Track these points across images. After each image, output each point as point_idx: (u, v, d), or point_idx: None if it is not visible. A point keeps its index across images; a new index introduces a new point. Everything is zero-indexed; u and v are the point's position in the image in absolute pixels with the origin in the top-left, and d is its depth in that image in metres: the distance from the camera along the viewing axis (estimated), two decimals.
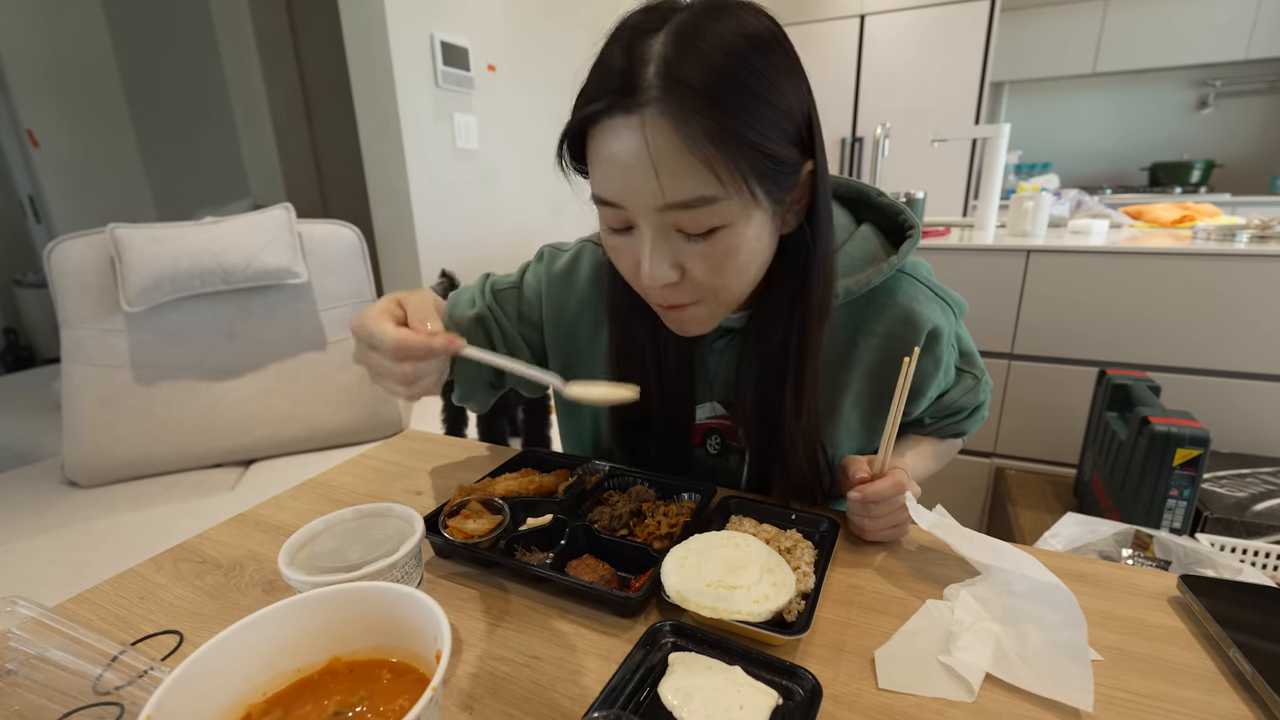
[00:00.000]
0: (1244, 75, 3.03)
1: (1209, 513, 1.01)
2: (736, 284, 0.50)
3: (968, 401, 0.67)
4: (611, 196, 0.46)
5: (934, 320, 0.59)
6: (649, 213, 0.45)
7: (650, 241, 0.46)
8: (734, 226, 0.45)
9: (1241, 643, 0.42)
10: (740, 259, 0.47)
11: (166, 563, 0.58)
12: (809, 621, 0.44)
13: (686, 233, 0.46)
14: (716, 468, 0.68)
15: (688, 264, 0.47)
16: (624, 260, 0.50)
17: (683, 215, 0.44)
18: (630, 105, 0.42)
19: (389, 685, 0.36)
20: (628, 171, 0.43)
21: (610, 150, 0.44)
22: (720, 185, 0.43)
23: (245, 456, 1.35)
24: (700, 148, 0.41)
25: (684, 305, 0.50)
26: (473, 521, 0.55)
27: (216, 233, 1.28)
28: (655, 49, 0.42)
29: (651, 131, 0.41)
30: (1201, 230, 1.47)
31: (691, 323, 0.53)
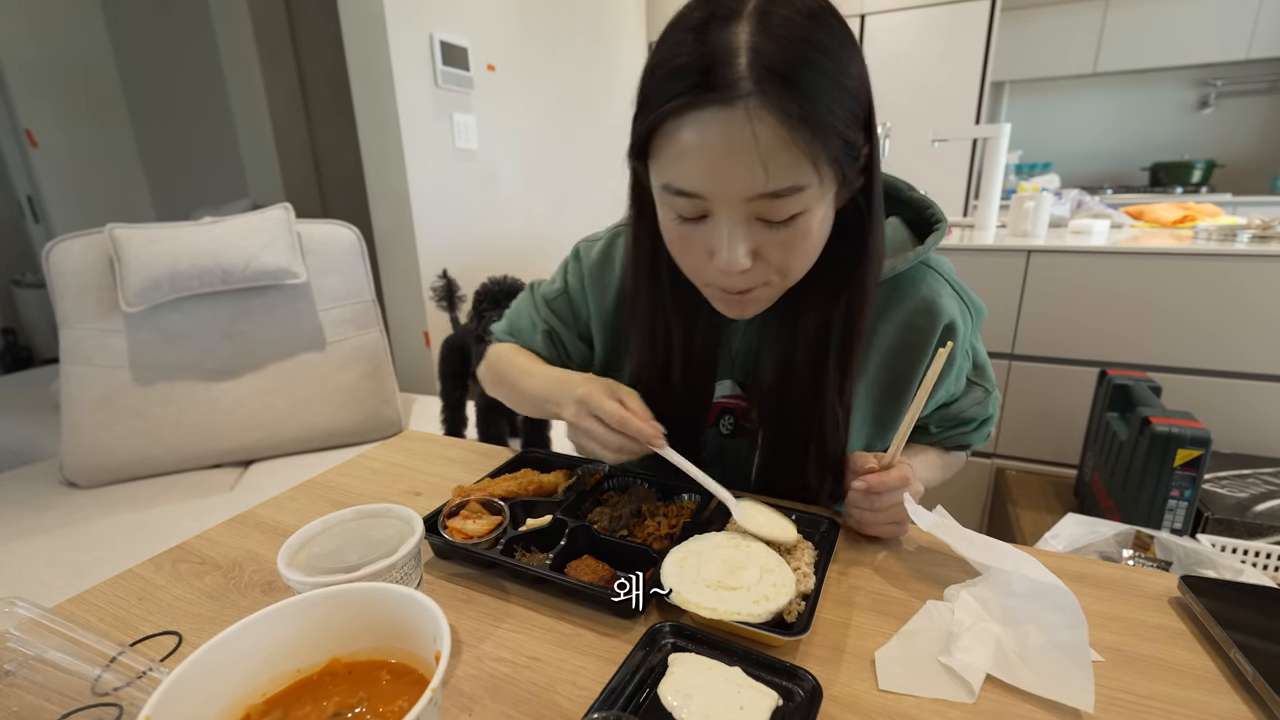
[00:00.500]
0: (1245, 75, 3.03)
1: (1210, 513, 1.01)
2: (803, 266, 0.51)
3: (976, 413, 0.67)
4: (695, 187, 0.45)
5: (952, 315, 0.60)
6: (735, 202, 0.45)
7: (730, 229, 0.46)
8: (811, 212, 0.46)
9: (1242, 644, 0.42)
10: (811, 242, 0.48)
11: (165, 563, 0.58)
12: (809, 622, 0.43)
13: (768, 220, 0.46)
14: (728, 448, 0.67)
15: (764, 249, 0.48)
16: (692, 249, 0.50)
17: (771, 204, 0.44)
18: (728, 97, 0.41)
19: (388, 686, 0.36)
20: (723, 161, 0.43)
21: (702, 141, 0.43)
22: (815, 174, 0.44)
23: (244, 457, 1.34)
24: (800, 137, 0.42)
25: (749, 289, 0.51)
26: (472, 522, 0.55)
27: (215, 233, 1.28)
28: (742, 38, 0.41)
29: (757, 124, 0.41)
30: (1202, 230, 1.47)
31: (753, 304, 0.53)
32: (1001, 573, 0.48)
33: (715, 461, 0.66)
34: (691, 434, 0.66)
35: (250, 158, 2.82)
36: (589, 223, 2.98)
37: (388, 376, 1.44)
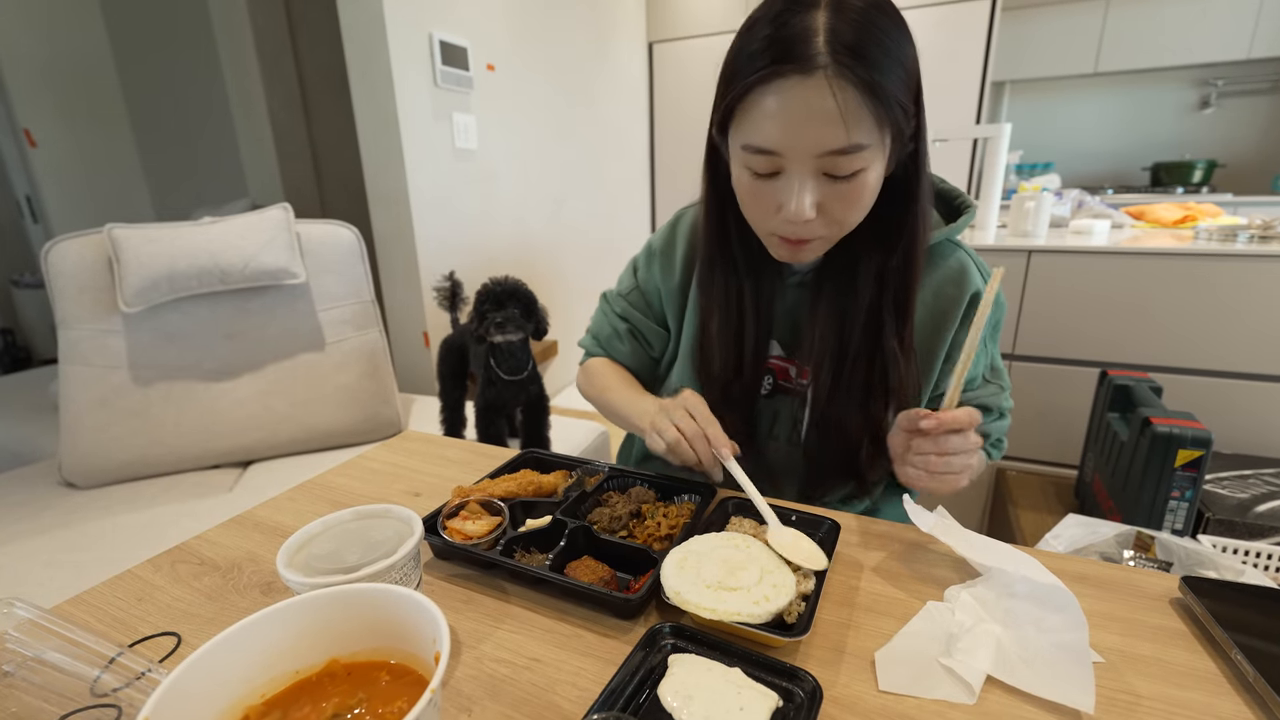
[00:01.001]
0: (1246, 75, 3.03)
1: (1211, 514, 1.00)
2: (856, 219, 0.57)
3: (992, 402, 0.69)
4: (774, 144, 0.52)
5: (979, 286, 0.65)
6: (807, 158, 0.52)
7: (800, 183, 0.53)
8: (870, 169, 0.53)
9: (1244, 645, 0.42)
10: (866, 198, 0.55)
11: (164, 564, 0.57)
12: (809, 623, 0.43)
13: (834, 175, 0.53)
14: (765, 409, 0.72)
15: (827, 202, 0.54)
16: (763, 202, 0.57)
17: (839, 160, 0.51)
18: (807, 67, 0.49)
19: (387, 687, 0.36)
20: (803, 122, 0.50)
21: (784, 104, 0.50)
22: (878, 134, 0.51)
23: (243, 458, 1.34)
24: (869, 102, 0.49)
25: (808, 239, 0.57)
26: (471, 523, 0.55)
27: (214, 233, 1.28)
28: (820, 21, 0.49)
29: (835, 88, 0.48)
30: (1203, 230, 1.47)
31: (809, 251, 0.59)
32: (1002, 573, 0.48)
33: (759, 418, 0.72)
34: (746, 394, 0.70)
35: (249, 158, 2.81)
36: (588, 223, 2.98)
37: (387, 377, 1.44)
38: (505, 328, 1.20)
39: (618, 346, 0.81)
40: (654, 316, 0.80)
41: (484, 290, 1.22)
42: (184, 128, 3.22)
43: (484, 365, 1.31)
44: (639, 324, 0.80)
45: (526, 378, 1.30)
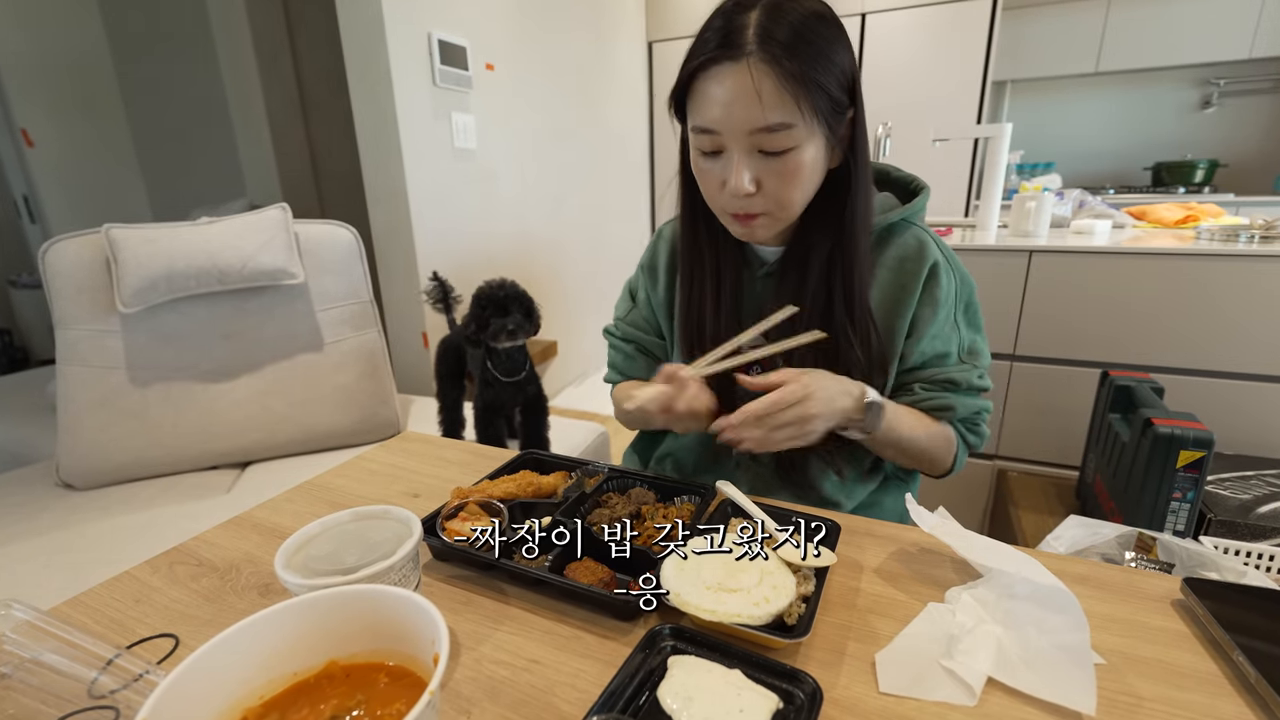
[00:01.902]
0: (1248, 74, 3.02)
1: (1212, 515, 1.00)
2: (798, 198, 0.62)
3: (961, 377, 0.69)
4: (712, 124, 0.59)
5: (937, 258, 0.68)
6: (741, 136, 0.58)
7: (738, 158, 0.59)
8: (801, 148, 0.59)
9: (1245, 646, 0.42)
10: (802, 176, 0.60)
11: (162, 565, 0.57)
12: (809, 625, 0.43)
13: (766, 152, 0.59)
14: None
15: (764, 178, 0.60)
16: (711, 179, 0.63)
17: (767, 137, 0.57)
18: (736, 55, 0.56)
19: (386, 689, 0.36)
20: (733, 102, 0.57)
21: (719, 87, 0.57)
22: (799, 114, 0.57)
23: (241, 459, 1.34)
24: (788, 85, 0.55)
25: (755, 215, 0.63)
26: (470, 524, 0.55)
27: (212, 233, 1.27)
28: (752, 18, 0.56)
29: (755, 72, 0.55)
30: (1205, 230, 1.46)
31: (761, 229, 0.65)
32: (1003, 575, 0.47)
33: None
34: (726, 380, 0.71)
35: (247, 158, 2.81)
36: (588, 222, 2.98)
37: (386, 377, 1.44)
38: (516, 335, 1.19)
39: (633, 367, 0.85)
40: (654, 330, 0.84)
41: (483, 294, 1.21)
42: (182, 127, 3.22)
43: (481, 367, 1.30)
44: (643, 341, 0.84)
45: (524, 378, 1.30)
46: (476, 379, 1.33)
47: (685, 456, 0.81)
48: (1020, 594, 0.46)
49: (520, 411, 1.35)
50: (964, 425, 0.72)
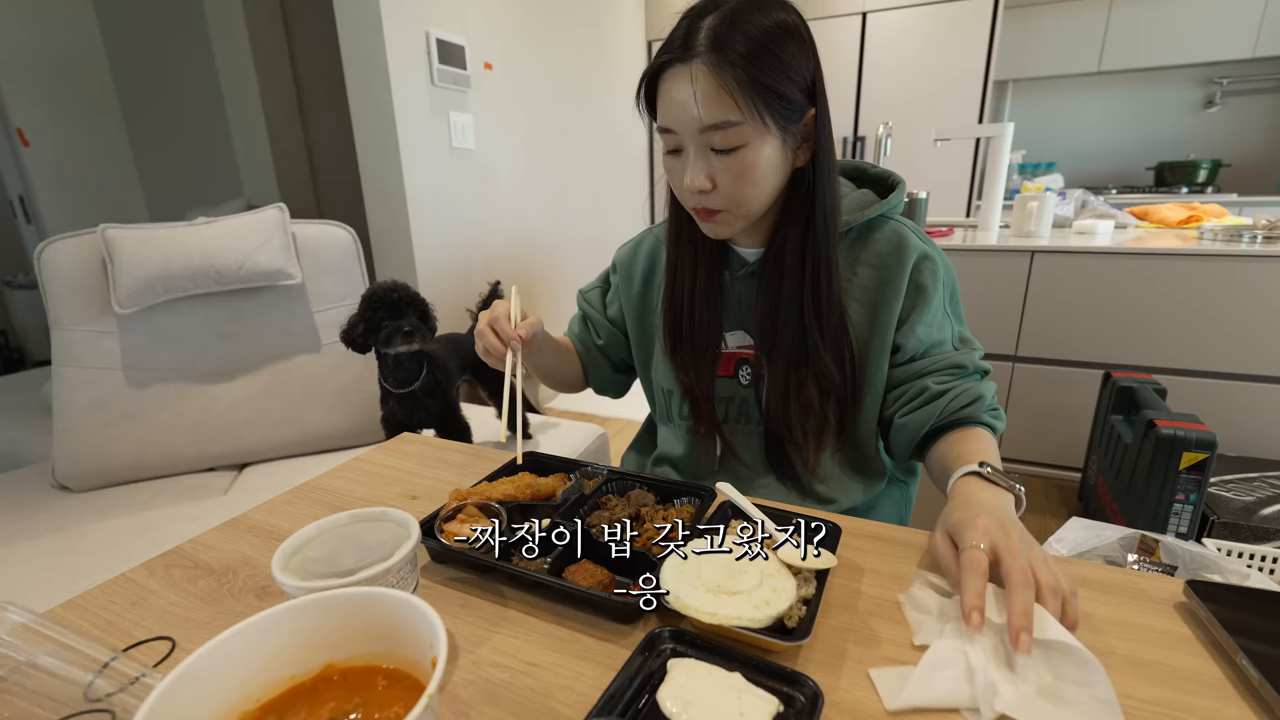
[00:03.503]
0: (1251, 73, 3.02)
1: (1216, 517, 1.00)
2: (754, 195, 0.64)
3: (965, 360, 0.69)
4: (668, 123, 0.62)
5: (923, 249, 0.69)
6: (693, 134, 0.61)
7: (692, 156, 0.62)
8: (751, 146, 0.60)
9: (1249, 649, 0.41)
10: (756, 173, 0.62)
11: (159, 568, 0.57)
12: (810, 627, 0.43)
13: (717, 149, 0.61)
14: (749, 399, 0.76)
15: (717, 176, 0.62)
16: (675, 176, 0.66)
17: (716, 135, 0.60)
18: (686, 57, 0.59)
19: (384, 692, 0.36)
20: (683, 102, 0.59)
21: (669, 88, 0.61)
22: (741, 113, 0.58)
23: (239, 460, 1.34)
24: (729, 86, 0.58)
25: (715, 212, 0.65)
26: (469, 526, 0.55)
27: (209, 233, 1.27)
28: (707, 23, 0.59)
29: (698, 73, 0.58)
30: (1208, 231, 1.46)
31: (723, 226, 0.67)
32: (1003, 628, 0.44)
33: (740, 415, 0.76)
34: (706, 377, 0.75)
35: (245, 157, 2.81)
36: (586, 222, 2.98)
37: None
38: (413, 338, 1.10)
39: (574, 328, 0.91)
40: (608, 314, 0.88)
41: (374, 296, 1.10)
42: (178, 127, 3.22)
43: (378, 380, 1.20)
44: (591, 315, 0.89)
45: (421, 390, 1.18)
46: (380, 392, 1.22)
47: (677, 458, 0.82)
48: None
49: (436, 433, 1.23)
50: (990, 414, 0.68)
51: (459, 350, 1.32)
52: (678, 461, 0.81)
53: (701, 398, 0.75)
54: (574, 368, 0.88)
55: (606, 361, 0.89)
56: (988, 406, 0.68)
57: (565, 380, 0.89)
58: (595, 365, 0.89)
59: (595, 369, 0.89)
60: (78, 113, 3.10)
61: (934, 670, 0.41)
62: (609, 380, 0.91)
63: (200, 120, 3.12)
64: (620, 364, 0.90)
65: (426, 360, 1.18)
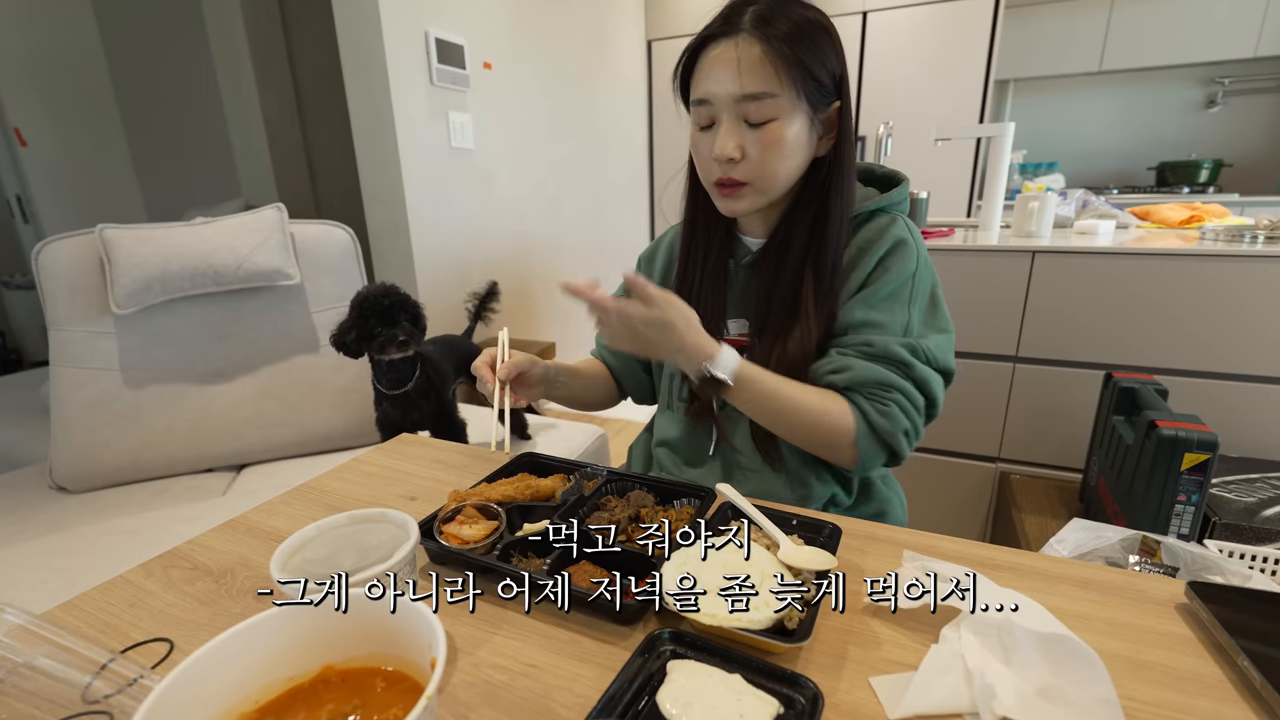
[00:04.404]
0: (1253, 73, 3.01)
1: (1217, 518, 1.00)
2: (779, 169, 0.66)
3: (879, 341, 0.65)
4: (706, 93, 0.65)
5: (903, 237, 0.70)
6: (729, 104, 0.64)
7: (726, 125, 0.65)
8: (783, 120, 0.64)
9: (1251, 651, 0.41)
10: (785, 147, 0.65)
11: (156, 569, 0.57)
12: (810, 629, 0.43)
13: (750, 122, 0.64)
14: None
15: (748, 146, 0.65)
16: (703, 151, 0.69)
17: (750, 106, 0.64)
18: (730, 32, 0.64)
19: (383, 694, 0.36)
20: (722, 71, 0.64)
21: (710, 59, 0.65)
22: (780, 86, 0.63)
23: (237, 461, 1.33)
24: (771, 58, 0.62)
25: (739, 185, 0.67)
26: (468, 527, 0.55)
27: (207, 233, 1.27)
28: (752, 9, 0.64)
29: (742, 44, 0.63)
30: (1209, 231, 1.46)
31: (743, 201, 0.69)
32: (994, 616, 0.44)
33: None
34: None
35: (243, 157, 2.81)
36: (586, 222, 2.98)
37: None
38: (408, 345, 1.10)
39: (601, 341, 0.91)
40: None
41: (365, 302, 1.09)
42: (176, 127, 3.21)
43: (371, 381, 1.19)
44: None
45: (415, 391, 1.17)
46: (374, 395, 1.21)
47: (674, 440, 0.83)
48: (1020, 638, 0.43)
49: (431, 433, 1.22)
50: (868, 400, 0.65)
51: (454, 351, 1.31)
52: (674, 444, 0.82)
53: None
54: (602, 387, 0.90)
55: (639, 365, 0.90)
56: (858, 381, 0.64)
57: (595, 400, 0.90)
58: (629, 373, 0.90)
59: (630, 377, 0.90)
60: (76, 112, 3.10)
61: (934, 675, 0.41)
62: (644, 386, 0.91)
63: (198, 120, 3.11)
64: (650, 366, 0.91)
65: (420, 361, 1.18)
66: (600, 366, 0.91)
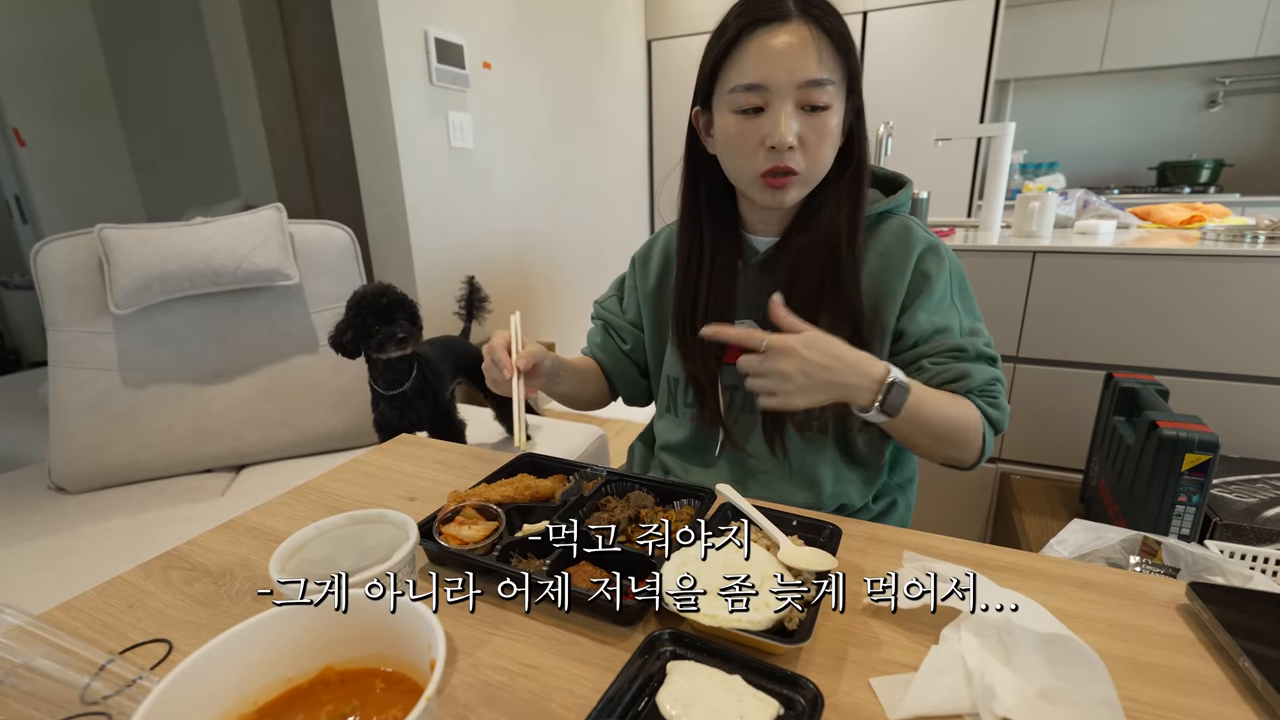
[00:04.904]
0: (1254, 72, 3.00)
1: (1218, 519, 0.99)
2: (825, 160, 0.66)
3: (970, 344, 0.68)
4: (761, 78, 0.62)
5: (929, 241, 0.70)
6: (790, 90, 0.62)
7: (786, 111, 0.62)
8: (834, 109, 0.63)
9: (1252, 652, 0.41)
10: (834, 138, 0.65)
11: (155, 570, 0.57)
12: (810, 630, 0.43)
13: (809, 106, 0.63)
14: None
15: (805, 133, 0.63)
16: (749, 141, 0.65)
17: (813, 91, 0.62)
18: (785, 17, 0.61)
19: (382, 695, 0.36)
20: (786, 55, 0.61)
21: (766, 43, 0.62)
22: (839, 73, 0.63)
23: (236, 461, 1.33)
24: (831, 44, 0.62)
25: (792, 174, 0.64)
26: (467, 528, 0.55)
27: (206, 234, 1.27)
28: None
29: (808, 30, 0.61)
30: (1210, 231, 1.46)
31: (792, 191, 0.66)
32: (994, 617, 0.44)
33: (745, 403, 0.75)
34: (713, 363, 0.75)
35: (242, 157, 2.80)
36: (585, 222, 2.98)
37: None
38: (407, 343, 1.09)
39: (594, 340, 0.91)
40: (628, 317, 0.88)
41: (363, 301, 1.09)
42: (175, 127, 3.21)
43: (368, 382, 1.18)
44: (612, 321, 0.89)
45: (411, 392, 1.16)
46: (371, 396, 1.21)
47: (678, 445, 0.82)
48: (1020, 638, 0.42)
49: (429, 434, 1.21)
50: (982, 398, 0.68)
51: (451, 352, 1.31)
52: (679, 448, 0.81)
53: (708, 386, 0.75)
54: (595, 385, 0.88)
55: (633, 366, 0.89)
56: (977, 385, 0.67)
57: (589, 399, 0.88)
58: (622, 373, 0.89)
59: (622, 377, 0.89)
60: (74, 112, 3.09)
61: (934, 676, 0.41)
62: (636, 387, 0.90)
63: (197, 120, 3.11)
64: (646, 368, 0.89)
65: (417, 361, 1.17)
66: (594, 365, 0.89)
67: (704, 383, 0.75)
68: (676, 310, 0.77)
